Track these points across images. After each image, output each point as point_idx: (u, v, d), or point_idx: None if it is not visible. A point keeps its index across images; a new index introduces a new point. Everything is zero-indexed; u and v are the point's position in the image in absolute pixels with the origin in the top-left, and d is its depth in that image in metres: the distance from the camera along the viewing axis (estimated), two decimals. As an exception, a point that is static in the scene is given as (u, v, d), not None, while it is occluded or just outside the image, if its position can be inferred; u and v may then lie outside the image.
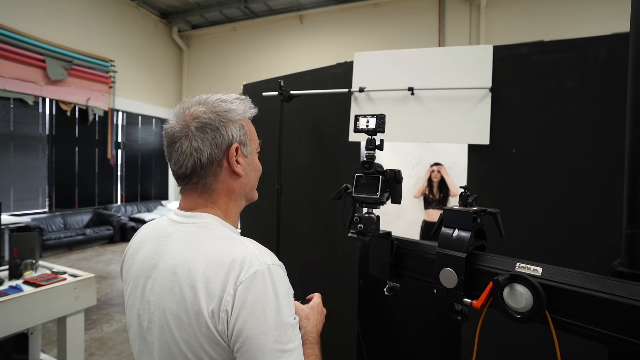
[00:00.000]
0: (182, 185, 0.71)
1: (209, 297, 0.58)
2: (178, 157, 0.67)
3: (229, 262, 0.59)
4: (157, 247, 0.68)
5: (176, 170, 0.69)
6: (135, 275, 0.69)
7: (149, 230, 0.74)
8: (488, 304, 0.81)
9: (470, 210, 0.88)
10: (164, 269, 0.64)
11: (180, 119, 0.68)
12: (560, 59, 1.68)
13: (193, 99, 0.72)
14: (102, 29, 7.27)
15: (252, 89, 2.77)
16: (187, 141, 0.66)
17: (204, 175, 0.68)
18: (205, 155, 0.66)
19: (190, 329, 0.59)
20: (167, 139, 0.69)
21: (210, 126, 0.67)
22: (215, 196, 0.70)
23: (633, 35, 0.72)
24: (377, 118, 0.97)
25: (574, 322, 0.71)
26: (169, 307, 0.61)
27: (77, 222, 6.70)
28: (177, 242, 0.66)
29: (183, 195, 0.72)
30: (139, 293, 0.68)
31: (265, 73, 4.74)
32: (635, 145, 0.71)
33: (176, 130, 0.67)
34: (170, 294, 0.61)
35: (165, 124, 0.71)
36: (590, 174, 1.62)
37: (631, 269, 0.72)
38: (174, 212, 0.72)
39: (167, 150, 0.70)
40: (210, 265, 0.59)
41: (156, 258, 0.67)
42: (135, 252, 0.72)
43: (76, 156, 6.94)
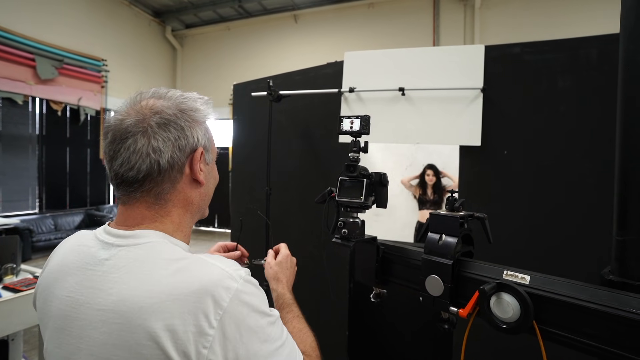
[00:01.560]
0: (127, 192, 0.57)
1: (176, 340, 0.46)
2: (129, 157, 0.54)
3: (198, 291, 0.48)
4: (84, 278, 0.53)
5: (123, 173, 0.55)
6: (57, 315, 0.53)
7: (69, 254, 0.58)
8: (475, 312, 0.78)
9: (457, 215, 0.85)
10: (100, 308, 0.50)
11: (134, 111, 0.56)
12: (552, 59, 1.66)
13: (148, 91, 0.60)
14: (94, 27, 7.18)
15: (242, 89, 2.72)
16: (145, 138, 0.54)
17: (160, 181, 0.57)
18: (165, 158, 0.55)
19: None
20: (114, 133, 0.56)
21: (174, 124, 0.57)
22: (169, 207, 0.59)
23: (623, 36, 0.70)
24: (362, 119, 0.94)
25: (563, 333, 0.68)
26: (117, 357, 0.48)
27: (69, 223, 6.61)
28: (116, 273, 0.51)
29: (125, 207, 0.58)
30: (62, 339, 0.52)
31: (260, 73, 4.70)
32: (625, 151, 0.68)
33: (129, 124, 0.55)
34: (117, 339, 0.48)
35: (110, 118, 0.58)
36: (583, 175, 1.60)
37: (621, 278, 0.69)
38: (104, 231, 0.58)
39: (110, 146, 0.56)
40: (170, 300, 0.47)
41: (85, 293, 0.52)
42: (53, 284, 0.56)
43: (67, 156, 6.84)
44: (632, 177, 0.67)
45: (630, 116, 0.68)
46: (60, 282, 0.55)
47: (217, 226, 8.53)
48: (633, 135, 0.67)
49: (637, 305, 0.60)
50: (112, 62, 7.43)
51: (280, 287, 0.79)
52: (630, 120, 0.68)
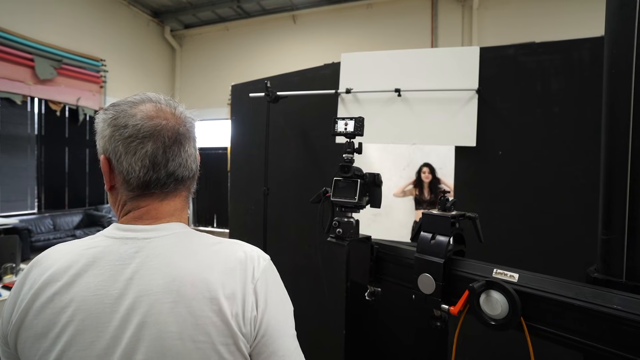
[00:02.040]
0: (175, 188, 0.63)
1: (230, 303, 0.54)
2: (186, 159, 0.63)
3: (237, 264, 0.58)
4: (114, 273, 0.55)
5: (180, 173, 0.62)
6: (81, 317, 0.52)
7: (76, 257, 0.56)
8: (465, 310, 0.80)
9: (449, 215, 0.87)
10: (146, 294, 0.53)
11: (179, 120, 0.63)
12: (546, 60, 1.68)
13: (147, 96, 0.65)
14: (93, 28, 7.18)
15: (240, 90, 2.74)
16: (192, 144, 0.66)
17: (193, 179, 0.67)
18: (197, 161, 0.69)
19: (207, 345, 0.52)
20: (171, 138, 0.60)
21: (192, 134, 0.67)
22: (189, 199, 0.68)
23: (607, 41, 0.72)
24: (356, 121, 0.95)
25: (550, 329, 0.70)
26: (171, 333, 0.52)
27: (67, 223, 6.61)
28: (156, 259, 0.55)
29: (163, 201, 0.62)
30: (93, 337, 0.52)
31: (259, 73, 4.71)
32: (609, 154, 0.70)
33: (183, 131, 0.63)
34: (170, 316, 0.52)
35: (146, 122, 0.59)
36: (576, 175, 1.62)
37: (605, 275, 0.71)
38: (116, 229, 0.60)
39: (169, 149, 0.60)
40: (218, 271, 0.56)
41: (120, 287, 0.54)
42: (64, 290, 0.54)
43: (66, 156, 6.85)
44: (616, 179, 0.69)
45: (614, 119, 0.70)
46: (76, 286, 0.54)
47: (215, 226, 8.54)
48: (616, 138, 0.69)
49: (619, 301, 0.62)
50: (110, 62, 7.43)
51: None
52: (614, 123, 0.70)
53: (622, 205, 0.67)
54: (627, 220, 0.66)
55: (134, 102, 0.62)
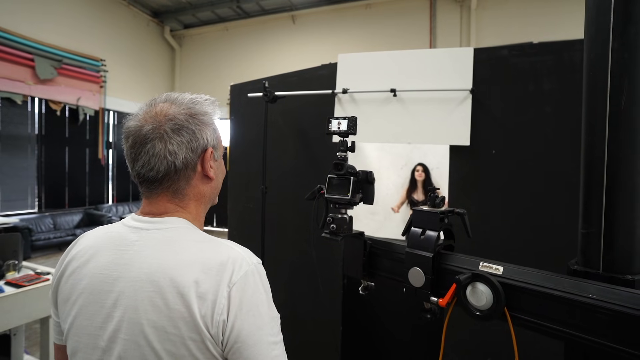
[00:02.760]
0: (150, 189, 0.66)
1: (200, 301, 0.55)
2: (149, 160, 0.62)
3: (217, 265, 0.58)
4: (117, 257, 0.61)
5: (144, 174, 0.63)
6: (88, 291, 0.61)
7: (98, 239, 0.66)
8: (454, 302, 0.83)
9: (437, 211, 0.91)
10: (134, 280, 0.58)
11: (151, 118, 0.64)
12: (538, 61, 1.71)
13: (160, 97, 0.68)
14: (93, 28, 7.21)
15: (239, 90, 2.77)
16: (162, 143, 0.62)
17: (176, 179, 0.65)
18: (180, 159, 0.64)
19: (178, 339, 0.55)
20: (134, 139, 0.63)
21: (186, 129, 0.64)
22: (186, 200, 0.67)
23: (586, 46, 0.75)
24: (349, 120, 0.99)
25: (532, 319, 0.73)
26: (148, 320, 0.56)
27: (67, 222, 6.64)
28: (147, 250, 0.60)
29: (149, 200, 0.67)
30: (94, 310, 0.60)
31: (258, 73, 4.74)
32: (588, 151, 0.73)
33: (147, 130, 0.62)
34: (149, 305, 0.56)
35: (129, 122, 0.65)
36: (568, 174, 1.65)
37: (584, 267, 0.74)
38: (131, 219, 0.66)
39: (132, 150, 0.64)
40: (196, 269, 0.57)
41: (119, 269, 0.60)
42: (83, 265, 0.63)
43: (66, 156, 6.88)
44: (593, 176, 0.72)
45: (592, 118, 0.73)
46: (91, 263, 0.63)
47: (215, 225, 8.57)
48: (594, 137, 0.72)
49: (594, 291, 0.66)
50: (110, 62, 7.46)
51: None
52: (592, 122, 0.73)
53: (600, 201, 0.70)
54: (604, 215, 0.70)
55: (147, 104, 0.68)
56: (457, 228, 0.97)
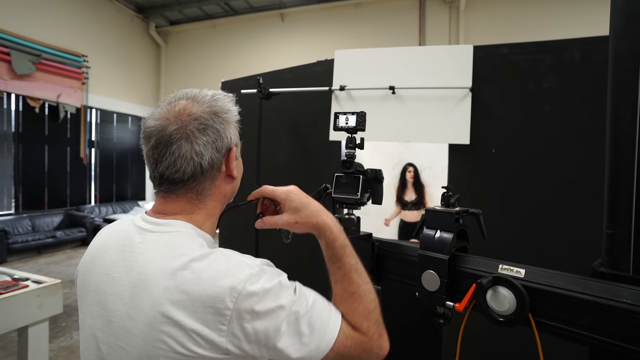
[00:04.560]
0: (172, 190, 0.61)
1: (194, 323, 0.50)
2: (175, 161, 0.59)
3: (209, 290, 0.51)
4: (121, 258, 0.59)
5: (170, 175, 0.59)
6: (95, 290, 0.60)
7: (109, 236, 0.65)
8: (471, 307, 0.79)
9: (453, 211, 0.86)
10: (131, 285, 0.55)
11: (174, 117, 0.60)
12: (538, 60, 1.70)
13: (179, 94, 0.64)
14: (74, 22, 6.96)
15: (230, 87, 2.69)
16: (188, 144, 0.59)
17: (202, 180, 0.62)
18: (206, 160, 0.60)
19: (172, 357, 0.51)
20: (157, 139, 0.59)
21: (212, 128, 0.61)
22: (207, 200, 0.64)
23: (613, 37, 0.72)
24: (358, 116, 0.94)
25: (557, 324, 0.69)
26: (140, 331, 0.53)
27: (47, 224, 6.38)
28: (147, 254, 0.57)
29: (166, 199, 0.62)
30: (97, 312, 0.58)
31: (246, 71, 4.65)
32: (614, 150, 0.70)
33: (172, 130, 0.59)
34: (143, 316, 0.53)
35: (149, 121, 0.61)
36: (567, 172, 1.65)
37: (612, 270, 0.71)
38: (141, 218, 0.63)
39: (155, 151, 0.60)
40: (186, 288, 0.51)
41: (120, 271, 0.58)
42: (93, 262, 0.62)
43: (46, 155, 6.61)
44: (622, 174, 0.69)
45: (620, 114, 0.70)
46: (99, 261, 0.61)
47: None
48: (622, 133, 0.69)
49: (628, 295, 0.62)
50: (93, 58, 7.21)
51: (327, 233, 0.65)
52: (620, 118, 0.70)
53: (629, 200, 0.67)
54: (634, 215, 0.66)
55: (166, 102, 0.64)
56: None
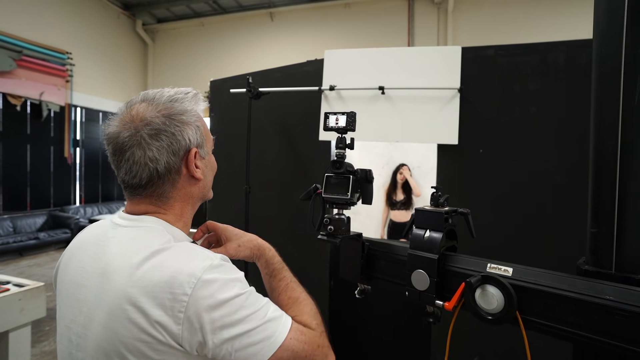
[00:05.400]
0: (134, 194, 0.64)
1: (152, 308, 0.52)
2: (130, 167, 0.60)
3: (176, 270, 0.54)
4: (94, 252, 0.62)
5: (128, 181, 0.62)
6: (69, 283, 0.62)
7: (89, 234, 0.67)
8: (460, 305, 0.80)
9: (442, 211, 0.87)
10: (99, 275, 0.58)
11: (127, 124, 0.60)
12: (524, 62, 1.73)
13: (137, 96, 0.64)
14: (57, 18, 6.79)
15: (219, 86, 2.67)
16: (140, 150, 0.59)
17: (160, 184, 0.63)
18: (162, 165, 0.61)
19: (130, 341, 0.53)
20: (113, 146, 0.61)
21: (165, 132, 0.60)
22: (171, 202, 0.65)
23: (596, 40, 0.73)
24: (348, 116, 0.94)
25: (543, 321, 0.71)
26: (101, 319, 0.55)
27: (29, 225, 6.22)
28: (114, 247, 0.60)
29: (132, 201, 0.65)
30: (70, 304, 0.61)
31: (235, 70, 4.61)
32: (598, 147, 0.72)
33: (125, 137, 0.60)
34: (105, 304, 0.55)
35: (108, 128, 0.62)
36: (552, 173, 1.68)
37: (596, 267, 0.73)
38: (118, 215, 0.66)
39: (113, 158, 0.62)
40: (158, 271, 0.54)
41: (92, 264, 0.60)
42: (70, 258, 0.65)
43: (28, 154, 6.44)
44: (605, 175, 0.71)
45: (603, 115, 0.71)
46: (75, 256, 0.64)
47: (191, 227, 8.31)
48: (605, 133, 0.71)
49: (610, 292, 0.64)
50: (77, 55, 7.06)
51: (266, 253, 0.75)
52: (603, 118, 0.72)
53: (612, 199, 0.69)
54: (616, 214, 0.68)
55: (126, 105, 0.65)
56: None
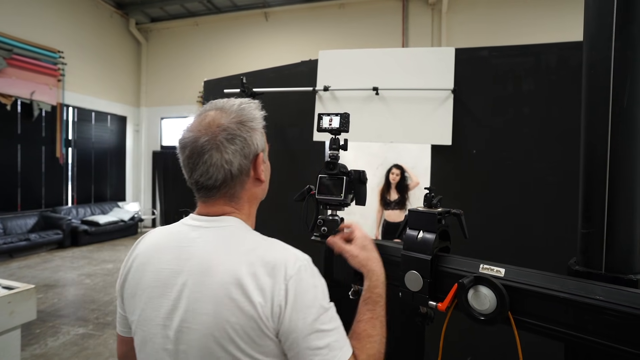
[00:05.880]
0: (208, 195, 0.69)
1: (259, 294, 0.59)
2: (207, 169, 0.66)
3: (274, 261, 0.61)
4: (180, 253, 0.66)
5: (203, 182, 0.67)
6: (153, 285, 0.66)
7: (160, 237, 0.71)
8: (453, 306, 0.81)
9: (435, 212, 0.88)
10: (196, 273, 0.63)
11: (205, 129, 0.67)
12: (517, 63, 1.74)
13: (208, 106, 0.71)
14: (49, 16, 6.71)
15: (213, 86, 2.65)
16: (218, 153, 0.66)
17: (232, 185, 0.69)
18: (235, 167, 0.67)
19: (238, 327, 0.59)
20: (190, 150, 0.67)
21: (239, 137, 0.67)
22: (241, 203, 0.71)
23: (586, 44, 0.74)
24: (341, 117, 0.94)
25: (535, 321, 0.71)
26: (209, 310, 0.60)
27: (20, 226, 6.13)
28: (208, 246, 0.65)
29: (206, 203, 0.70)
30: (160, 303, 0.65)
31: (229, 70, 4.59)
32: (588, 150, 0.73)
33: (204, 141, 0.66)
34: (211, 296, 0.60)
35: (184, 133, 0.69)
36: (544, 173, 1.70)
37: (586, 268, 0.74)
38: (190, 218, 0.71)
39: (189, 160, 0.67)
40: (255, 263, 0.61)
41: (181, 264, 0.65)
42: (148, 262, 0.69)
43: (19, 154, 6.35)
44: (595, 176, 0.71)
45: (593, 117, 0.72)
46: (155, 259, 0.68)
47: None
48: (595, 135, 0.71)
49: (600, 292, 0.65)
50: (69, 54, 6.98)
51: (374, 278, 0.79)
52: (593, 121, 0.72)
53: (602, 201, 0.69)
54: (606, 215, 0.69)
55: (197, 114, 0.71)
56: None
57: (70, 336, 3.15)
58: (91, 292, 4.25)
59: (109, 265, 5.44)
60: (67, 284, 4.61)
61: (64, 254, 6.16)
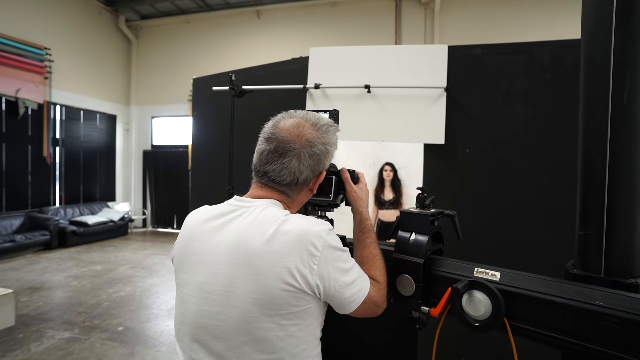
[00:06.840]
0: (269, 185, 0.76)
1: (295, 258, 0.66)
2: (282, 169, 0.74)
3: (303, 230, 0.68)
4: (222, 225, 0.73)
5: (273, 176, 0.75)
6: (198, 253, 0.73)
7: (206, 213, 0.78)
8: (446, 311, 0.77)
9: (428, 213, 0.84)
10: (235, 243, 0.69)
11: (297, 137, 0.74)
12: (510, 61, 1.72)
13: (304, 115, 0.79)
14: (35, 13, 6.55)
15: (202, 83, 2.59)
16: (297, 161, 0.74)
17: (293, 188, 0.77)
18: (303, 177, 0.75)
19: (277, 291, 0.65)
20: (276, 146, 0.74)
21: (317, 156, 0.75)
22: (289, 201, 0.79)
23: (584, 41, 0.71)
24: (331, 114, 0.90)
25: (532, 328, 0.68)
26: (246, 275, 0.67)
27: (5, 227, 5.98)
28: (244, 222, 0.71)
29: (262, 188, 0.77)
30: (201, 269, 0.72)
31: (221, 68, 4.51)
32: (587, 149, 0.70)
33: (290, 147, 0.74)
34: (242, 266, 0.67)
35: (276, 128, 0.76)
36: (538, 172, 1.68)
37: (584, 271, 0.71)
38: (235, 199, 0.78)
39: (272, 154, 0.74)
40: (291, 233, 0.68)
41: (222, 235, 0.72)
42: (193, 233, 0.76)
43: (3, 154, 6.19)
44: (593, 176, 0.68)
45: (592, 116, 0.69)
46: (199, 231, 0.76)
47: (176, 227, 8.16)
48: (594, 135, 0.68)
49: (600, 297, 0.62)
50: (57, 51, 6.82)
51: (364, 211, 0.89)
52: (592, 120, 0.69)
53: (601, 202, 0.66)
54: (605, 217, 0.66)
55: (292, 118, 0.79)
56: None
57: (55, 340, 3.05)
58: (78, 295, 4.15)
59: (98, 267, 5.33)
60: (54, 286, 4.50)
61: (51, 255, 6.02)
